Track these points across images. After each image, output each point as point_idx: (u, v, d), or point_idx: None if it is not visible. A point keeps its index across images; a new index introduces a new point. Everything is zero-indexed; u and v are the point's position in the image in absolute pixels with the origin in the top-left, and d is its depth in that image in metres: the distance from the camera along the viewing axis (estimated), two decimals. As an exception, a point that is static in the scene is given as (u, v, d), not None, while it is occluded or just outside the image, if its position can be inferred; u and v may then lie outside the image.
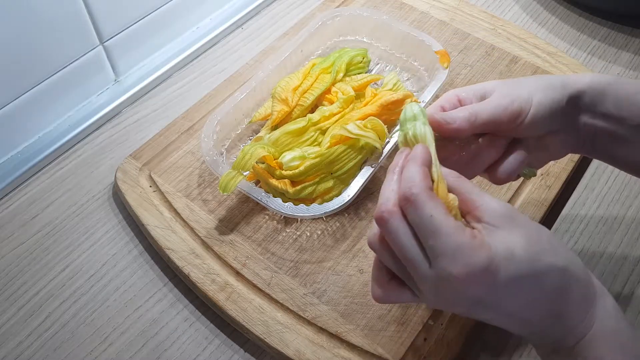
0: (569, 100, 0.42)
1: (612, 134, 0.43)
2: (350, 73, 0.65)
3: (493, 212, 0.35)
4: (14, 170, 0.61)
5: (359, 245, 0.54)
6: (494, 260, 0.33)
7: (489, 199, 0.36)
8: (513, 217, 0.35)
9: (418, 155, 0.37)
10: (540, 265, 0.34)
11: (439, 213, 0.34)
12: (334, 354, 0.48)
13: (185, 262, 0.53)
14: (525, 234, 0.34)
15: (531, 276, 0.34)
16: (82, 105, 0.67)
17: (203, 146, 0.56)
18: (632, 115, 0.42)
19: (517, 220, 0.35)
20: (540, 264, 0.34)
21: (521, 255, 0.34)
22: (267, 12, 0.78)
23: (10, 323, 0.52)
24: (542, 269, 0.34)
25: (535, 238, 0.35)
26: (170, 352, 0.51)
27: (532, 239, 0.34)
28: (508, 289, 0.34)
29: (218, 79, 0.70)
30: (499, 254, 0.33)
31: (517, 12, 0.78)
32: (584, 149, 0.45)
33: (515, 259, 0.33)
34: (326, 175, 0.55)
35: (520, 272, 0.34)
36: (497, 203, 0.36)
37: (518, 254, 0.33)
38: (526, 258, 0.34)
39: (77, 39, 0.61)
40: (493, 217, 0.35)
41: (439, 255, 0.33)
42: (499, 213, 0.35)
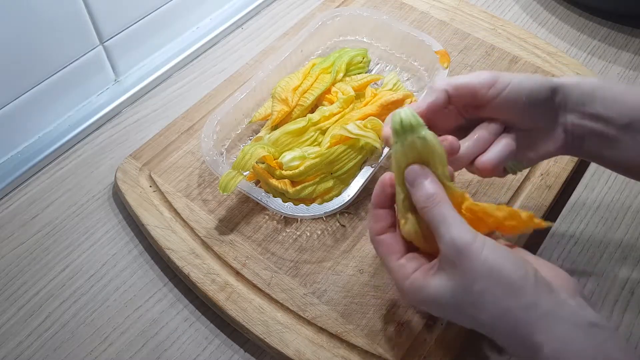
0: (553, 93, 0.43)
1: (600, 134, 0.43)
2: (350, 73, 0.65)
3: (442, 252, 0.38)
4: (14, 170, 0.61)
5: (359, 245, 0.54)
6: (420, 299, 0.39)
7: (442, 236, 0.37)
8: (454, 264, 0.37)
9: (372, 201, 0.43)
10: (463, 314, 0.38)
11: (384, 257, 0.42)
12: (334, 354, 0.48)
13: (185, 262, 0.53)
14: (456, 284, 0.37)
15: (458, 317, 0.39)
16: (82, 105, 0.67)
17: (203, 146, 0.56)
18: (621, 115, 0.42)
19: (458, 267, 0.36)
20: (463, 314, 0.38)
21: (446, 303, 0.38)
22: (267, 12, 0.78)
23: (10, 323, 0.52)
24: (466, 317, 0.38)
25: (464, 290, 0.36)
26: (170, 352, 0.51)
27: (459, 291, 0.37)
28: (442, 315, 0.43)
29: (218, 79, 0.70)
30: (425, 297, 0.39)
31: (517, 12, 0.78)
32: (573, 149, 0.46)
33: (439, 304, 0.38)
34: (326, 175, 0.55)
35: (445, 313, 0.41)
36: (447, 244, 0.37)
37: (443, 302, 0.38)
38: (450, 306, 0.38)
39: (77, 39, 0.61)
40: (442, 257, 0.38)
41: None
42: (445, 256, 0.37)
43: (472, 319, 0.38)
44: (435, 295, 0.38)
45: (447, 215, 0.37)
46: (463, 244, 0.36)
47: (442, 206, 0.38)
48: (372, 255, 0.54)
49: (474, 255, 0.36)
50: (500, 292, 0.35)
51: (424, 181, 0.39)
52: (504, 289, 0.35)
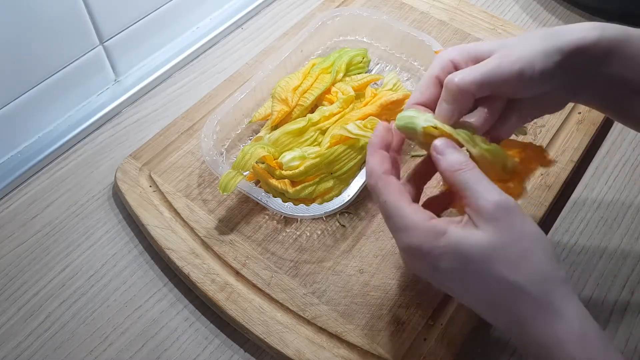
0: (573, 59, 0.39)
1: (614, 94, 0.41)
2: (350, 73, 0.65)
3: (479, 211, 0.36)
4: (14, 170, 0.61)
5: (359, 245, 0.54)
6: (436, 249, 0.35)
7: (480, 196, 0.36)
8: (497, 220, 0.35)
9: (373, 141, 0.40)
10: (489, 272, 0.35)
11: (390, 198, 0.38)
12: (334, 354, 0.48)
13: (185, 262, 0.53)
14: (496, 240, 0.35)
15: (476, 277, 0.35)
16: (82, 105, 0.67)
17: (203, 146, 0.56)
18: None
19: (501, 223, 0.35)
20: (490, 271, 0.35)
21: (473, 255, 0.35)
22: (267, 12, 0.78)
23: (10, 323, 0.52)
24: (490, 276, 0.35)
25: (504, 246, 0.35)
26: (170, 352, 0.51)
27: (498, 246, 0.35)
28: (450, 277, 0.36)
29: (218, 79, 0.70)
30: (447, 244, 0.35)
31: (517, 12, 0.78)
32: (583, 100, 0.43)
33: (463, 256, 0.35)
34: (326, 175, 0.55)
35: (463, 269, 0.35)
36: (487, 201, 0.35)
37: (470, 253, 0.35)
38: (478, 260, 0.35)
39: (77, 39, 0.61)
40: (477, 216, 0.36)
41: (392, 232, 0.38)
42: (484, 214, 0.36)
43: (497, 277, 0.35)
44: (465, 245, 0.35)
45: (484, 178, 0.37)
46: (509, 202, 0.36)
47: (476, 170, 0.37)
48: (372, 255, 0.54)
49: (520, 215, 0.36)
50: (543, 257, 0.35)
51: (454, 150, 0.38)
52: (547, 255, 0.35)
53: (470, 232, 0.35)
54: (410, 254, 0.37)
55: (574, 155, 0.60)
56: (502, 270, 0.35)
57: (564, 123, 0.62)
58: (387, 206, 0.38)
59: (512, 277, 0.35)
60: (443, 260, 0.36)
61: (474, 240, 0.35)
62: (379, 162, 0.39)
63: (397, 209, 0.37)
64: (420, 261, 0.37)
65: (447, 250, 0.35)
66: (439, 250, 0.35)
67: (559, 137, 0.61)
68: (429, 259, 0.36)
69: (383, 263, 0.53)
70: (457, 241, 0.35)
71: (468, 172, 0.37)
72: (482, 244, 0.35)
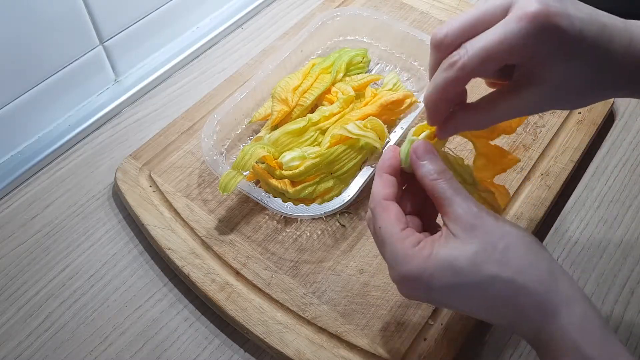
0: None
1: None
2: (350, 73, 0.65)
3: (456, 220, 0.37)
4: (14, 170, 0.61)
5: (359, 245, 0.54)
6: (427, 271, 0.36)
7: (455, 206, 0.37)
8: (473, 227, 0.36)
9: (380, 164, 0.41)
10: (481, 276, 0.35)
11: (385, 224, 0.38)
12: (334, 354, 0.48)
13: (185, 262, 0.53)
14: (476, 245, 0.36)
15: (469, 285, 0.36)
16: (82, 105, 0.67)
17: (203, 146, 0.56)
18: None
19: (476, 230, 0.36)
20: (481, 274, 0.35)
21: (461, 266, 0.35)
22: (267, 12, 0.78)
23: (10, 323, 0.52)
24: (483, 279, 0.35)
25: (486, 249, 0.36)
26: (170, 352, 0.51)
27: (481, 250, 0.36)
28: (446, 294, 0.37)
29: (218, 79, 0.70)
30: (436, 264, 0.36)
31: (517, 12, 0.78)
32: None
33: (452, 270, 0.36)
34: (326, 175, 0.55)
35: (456, 281, 0.36)
36: (463, 210, 0.36)
37: (457, 265, 0.35)
38: (466, 269, 0.35)
39: (77, 39, 0.61)
40: (454, 225, 0.37)
41: (386, 261, 0.39)
42: (461, 222, 0.36)
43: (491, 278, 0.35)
44: (451, 259, 0.36)
45: (460, 188, 0.38)
46: (481, 209, 0.37)
47: (453, 180, 0.38)
48: (372, 255, 0.54)
49: (495, 218, 0.37)
50: (523, 249, 0.36)
51: (434, 158, 0.39)
52: (528, 246, 0.36)
53: (453, 244, 0.36)
54: (404, 284, 0.38)
55: (574, 155, 0.60)
56: (492, 270, 0.35)
57: (564, 123, 0.62)
58: (382, 232, 0.38)
59: (503, 274, 0.35)
60: (435, 279, 0.36)
61: (458, 251, 0.36)
62: (381, 186, 0.40)
63: (390, 236, 0.38)
64: (414, 287, 0.37)
65: (437, 269, 0.36)
66: (429, 272, 0.36)
67: (559, 137, 0.61)
68: (422, 282, 0.36)
69: (383, 263, 0.53)
70: (444, 258, 0.36)
71: (445, 182, 0.38)
72: (466, 253, 0.36)
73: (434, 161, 0.39)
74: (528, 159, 0.60)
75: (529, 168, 0.59)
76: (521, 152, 0.60)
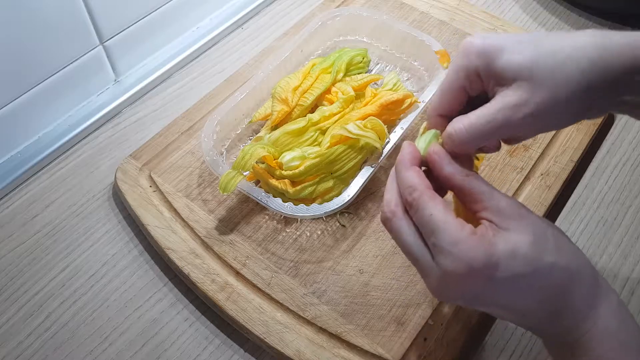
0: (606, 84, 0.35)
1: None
2: (350, 73, 0.65)
3: (501, 213, 0.36)
4: (14, 170, 0.61)
5: (359, 245, 0.54)
6: (493, 257, 0.34)
7: (497, 199, 0.36)
8: (521, 216, 0.36)
9: (406, 157, 0.38)
10: (542, 264, 0.34)
11: (438, 212, 0.35)
12: (334, 354, 0.48)
13: (185, 262, 0.53)
14: (532, 234, 0.35)
15: (532, 275, 0.34)
16: (82, 105, 0.67)
17: (203, 146, 0.56)
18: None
19: (525, 219, 0.36)
20: (542, 263, 0.34)
21: (524, 254, 0.34)
22: (267, 12, 0.78)
23: (10, 323, 0.52)
24: (544, 268, 0.35)
25: (541, 237, 0.35)
26: (170, 352, 0.51)
27: (537, 239, 0.35)
28: (506, 286, 0.35)
29: (218, 79, 0.70)
30: (501, 252, 0.34)
31: (517, 12, 0.78)
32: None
33: (517, 258, 0.34)
34: (326, 175, 0.55)
35: (521, 271, 0.34)
36: (506, 202, 0.36)
37: (521, 254, 0.34)
38: (529, 257, 0.34)
39: (77, 39, 0.61)
40: (501, 219, 0.35)
41: (439, 251, 0.35)
42: (506, 214, 0.35)
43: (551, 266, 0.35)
44: (515, 248, 0.34)
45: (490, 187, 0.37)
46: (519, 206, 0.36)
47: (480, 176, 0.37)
48: (372, 255, 0.54)
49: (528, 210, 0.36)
50: (565, 238, 0.37)
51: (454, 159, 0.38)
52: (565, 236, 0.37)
53: (508, 235, 0.35)
54: (456, 275, 0.34)
55: (574, 155, 0.60)
56: (550, 258, 0.35)
57: (564, 123, 0.62)
58: (435, 220, 0.35)
59: (560, 261, 0.35)
60: (500, 268, 0.34)
61: (518, 241, 0.34)
62: (419, 177, 0.37)
63: (445, 222, 0.35)
64: (474, 278, 0.34)
65: (502, 257, 0.34)
66: (495, 259, 0.34)
67: (559, 137, 0.61)
68: (485, 271, 0.34)
69: (383, 263, 0.53)
70: (506, 247, 0.34)
71: (478, 178, 0.37)
72: (526, 242, 0.34)
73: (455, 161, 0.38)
74: (528, 159, 0.60)
75: (529, 168, 0.59)
76: (521, 152, 0.60)
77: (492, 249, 0.34)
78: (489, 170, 0.59)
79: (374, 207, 0.57)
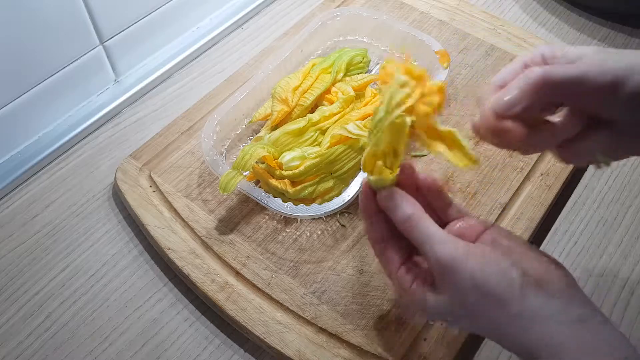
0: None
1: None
2: (350, 73, 0.65)
3: (433, 268, 0.37)
4: (14, 170, 0.61)
5: (359, 245, 0.54)
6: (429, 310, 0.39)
7: (434, 253, 0.36)
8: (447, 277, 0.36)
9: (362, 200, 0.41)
10: (464, 323, 0.38)
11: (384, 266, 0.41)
12: (334, 354, 0.48)
13: (185, 262, 0.53)
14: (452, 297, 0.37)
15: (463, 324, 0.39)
16: (82, 105, 0.67)
17: (203, 146, 0.56)
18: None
19: (450, 282, 0.36)
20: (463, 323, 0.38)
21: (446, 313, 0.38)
22: (267, 12, 0.78)
23: (10, 323, 0.52)
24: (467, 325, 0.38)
25: (458, 303, 0.37)
26: (170, 352, 0.51)
27: (454, 304, 0.37)
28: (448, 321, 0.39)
29: (218, 79, 0.70)
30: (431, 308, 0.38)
31: (517, 12, 0.78)
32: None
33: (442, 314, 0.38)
34: (326, 175, 0.55)
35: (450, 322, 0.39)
36: (438, 260, 0.36)
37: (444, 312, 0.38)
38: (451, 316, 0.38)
39: (77, 39, 0.61)
40: (433, 272, 0.38)
41: None
42: (436, 271, 0.37)
43: (472, 327, 0.38)
44: (435, 308, 0.38)
45: (428, 233, 0.37)
46: (448, 261, 0.36)
47: (422, 224, 0.37)
48: (372, 255, 0.53)
49: (459, 271, 0.36)
50: (489, 305, 0.36)
51: (400, 203, 0.38)
52: (491, 302, 0.35)
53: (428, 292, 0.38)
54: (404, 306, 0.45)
55: (574, 155, 0.60)
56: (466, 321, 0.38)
57: (564, 123, 0.62)
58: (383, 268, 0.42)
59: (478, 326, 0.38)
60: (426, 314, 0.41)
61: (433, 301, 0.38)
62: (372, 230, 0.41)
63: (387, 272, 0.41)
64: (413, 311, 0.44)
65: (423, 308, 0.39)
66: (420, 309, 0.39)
67: (559, 137, 0.61)
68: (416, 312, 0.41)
69: (383, 263, 0.53)
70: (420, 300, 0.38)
71: (415, 229, 0.38)
72: (440, 304, 0.38)
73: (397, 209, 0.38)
74: (528, 159, 0.60)
75: (529, 168, 0.59)
76: (521, 152, 0.60)
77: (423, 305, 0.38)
78: (489, 170, 0.59)
79: (374, 207, 0.57)
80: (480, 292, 0.35)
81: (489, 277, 0.35)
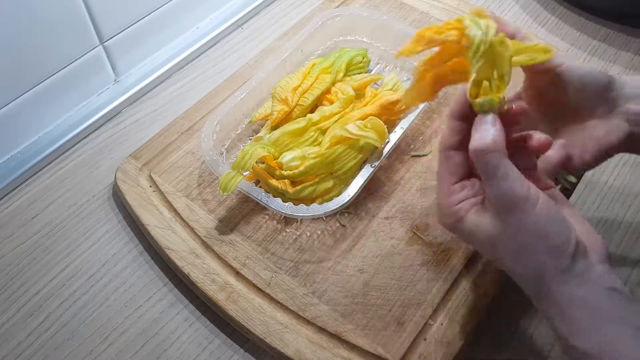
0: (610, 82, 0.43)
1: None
2: (350, 73, 0.65)
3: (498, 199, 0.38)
4: (14, 170, 0.61)
5: (359, 245, 0.54)
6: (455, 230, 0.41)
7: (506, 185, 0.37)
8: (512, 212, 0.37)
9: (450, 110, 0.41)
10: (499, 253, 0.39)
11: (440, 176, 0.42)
12: (334, 354, 0.48)
13: (185, 262, 0.53)
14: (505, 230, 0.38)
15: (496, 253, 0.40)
16: (82, 105, 0.67)
17: (203, 146, 0.56)
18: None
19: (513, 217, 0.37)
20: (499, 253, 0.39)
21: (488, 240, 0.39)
22: (267, 12, 0.78)
23: (10, 323, 0.52)
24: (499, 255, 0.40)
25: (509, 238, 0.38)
26: (170, 352, 0.51)
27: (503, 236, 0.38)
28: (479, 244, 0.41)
29: (218, 79, 0.70)
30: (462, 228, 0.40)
31: (517, 12, 0.78)
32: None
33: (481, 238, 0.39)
34: (326, 175, 0.55)
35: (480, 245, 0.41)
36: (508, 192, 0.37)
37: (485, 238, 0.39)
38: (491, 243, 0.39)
39: (77, 39, 0.61)
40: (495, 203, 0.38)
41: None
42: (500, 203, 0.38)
43: (504, 258, 0.39)
44: (478, 230, 0.39)
45: (503, 165, 0.37)
46: (518, 198, 0.37)
47: (499, 155, 0.37)
48: (372, 255, 0.54)
49: (527, 211, 0.37)
50: (541, 250, 0.37)
51: (489, 127, 0.38)
52: (546, 249, 0.37)
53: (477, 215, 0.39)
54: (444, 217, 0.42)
55: (574, 155, 0.60)
56: (507, 255, 0.39)
57: (564, 123, 0.62)
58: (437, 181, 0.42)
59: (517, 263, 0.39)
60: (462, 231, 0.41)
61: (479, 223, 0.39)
62: (448, 134, 0.41)
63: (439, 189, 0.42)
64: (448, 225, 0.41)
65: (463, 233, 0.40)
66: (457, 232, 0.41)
67: (559, 137, 0.61)
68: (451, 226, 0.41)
69: (383, 263, 0.53)
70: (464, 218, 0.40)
71: (492, 157, 0.37)
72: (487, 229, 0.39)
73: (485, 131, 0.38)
74: (528, 159, 0.60)
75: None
76: (521, 152, 0.60)
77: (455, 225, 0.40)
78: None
79: (374, 207, 0.57)
80: (540, 236, 0.37)
81: (551, 227, 0.37)
